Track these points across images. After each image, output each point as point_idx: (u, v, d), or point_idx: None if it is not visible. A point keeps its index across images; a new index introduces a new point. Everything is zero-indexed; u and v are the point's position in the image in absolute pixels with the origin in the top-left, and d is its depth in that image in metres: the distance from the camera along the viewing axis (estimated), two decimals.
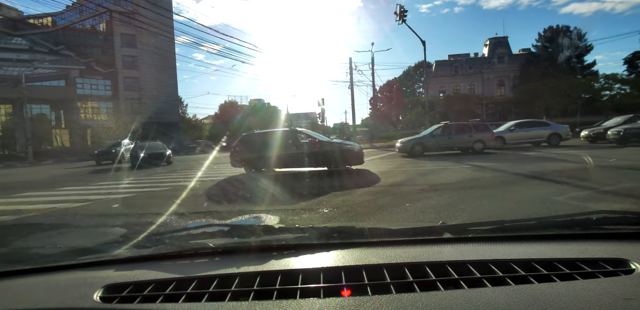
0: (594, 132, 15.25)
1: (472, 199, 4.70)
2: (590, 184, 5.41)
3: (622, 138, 12.36)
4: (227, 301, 0.71)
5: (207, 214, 4.59)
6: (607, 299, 0.63)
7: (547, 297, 0.65)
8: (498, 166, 8.49)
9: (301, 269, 0.84)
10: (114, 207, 5.59)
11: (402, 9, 16.93)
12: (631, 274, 0.74)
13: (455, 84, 46.67)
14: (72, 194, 7.22)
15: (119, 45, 40.77)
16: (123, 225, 4.22)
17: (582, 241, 0.96)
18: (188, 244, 1.09)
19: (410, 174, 8.08)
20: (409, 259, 0.86)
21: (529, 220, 1.17)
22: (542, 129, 15.17)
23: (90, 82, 38.69)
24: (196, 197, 6.27)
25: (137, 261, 0.99)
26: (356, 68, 28.64)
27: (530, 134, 15.09)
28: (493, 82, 45.63)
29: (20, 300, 0.80)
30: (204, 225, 1.40)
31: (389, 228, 1.16)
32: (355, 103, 26.95)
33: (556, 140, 14.84)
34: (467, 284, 0.73)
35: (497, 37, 46.59)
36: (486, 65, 45.74)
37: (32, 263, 1.03)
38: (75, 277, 0.91)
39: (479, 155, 11.95)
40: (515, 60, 44.65)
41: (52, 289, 0.85)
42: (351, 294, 0.72)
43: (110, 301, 0.75)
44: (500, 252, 0.91)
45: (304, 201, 5.25)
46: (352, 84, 26.38)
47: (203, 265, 0.94)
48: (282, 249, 1.00)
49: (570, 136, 15.52)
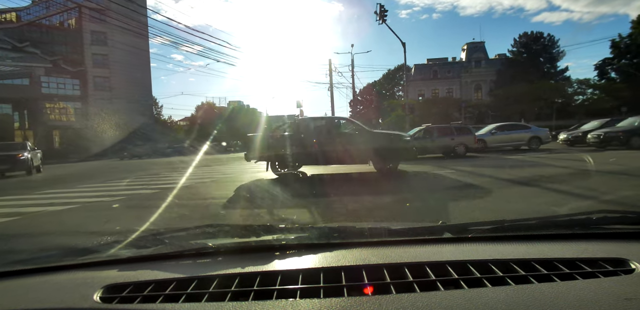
0: (573, 135, 15.30)
1: (464, 211, 4.17)
2: (589, 192, 4.98)
3: (603, 141, 12.33)
4: (227, 301, 0.70)
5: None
6: (607, 299, 0.63)
7: (547, 297, 0.65)
8: (483, 171, 8.07)
9: (301, 269, 0.84)
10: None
11: (382, 9, 16.57)
12: (631, 274, 0.74)
13: (434, 87, 47.14)
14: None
15: (88, 42, 38.92)
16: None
17: (582, 241, 0.96)
18: (188, 244, 1.08)
19: (390, 181, 7.55)
20: (409, 259, 0.86)
21: (529, 220, 1.15)
22: (523, 132, 15.11)
23: (57, 81, 36.69)
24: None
25: (137, 261, 0.99)
26: (336, 70, 28.22)
27: (511, 137, 14.95)
28: (471, 86, 46.32)
29: (20, 300, 0.80)
30: (204, 225, 1.33)
31: (389, 228, 1.15)
32: (335, 105, 26.54)
33: (536, 144, 14.76)
34: (467, 284, 0.72)
35: (474, 42, 47.43)
36: (464, 70, 46.40)
37: (32, 263, 1.03)
38: (75, 277, 0.90)
39: (461, 159, 11.59)
40: (492, 64, 45.48)
41: (52, 289, 0.84)
42: (350, 293, 0.71)
43: (110, 301, 0.74)
44: (500, 252, 0.90)
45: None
46: (331, 85, 25.91)
47: (203, 265, 0.93)
48: (282, 248, 1.00)
49: (550, 140, 15.48)
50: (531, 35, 44.12)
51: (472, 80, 46.09)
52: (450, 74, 47.11)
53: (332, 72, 25.71)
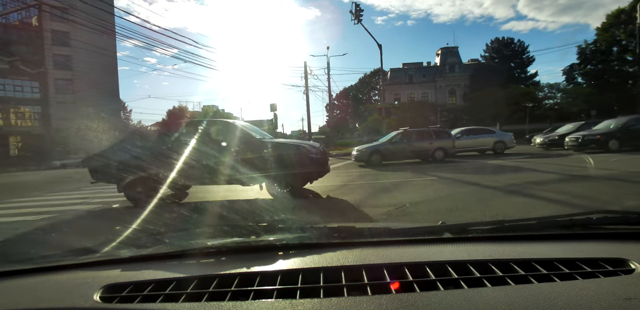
0: (549, 138, 15.19)
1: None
2: (588, 202, 4.41)
3: (581, 144, 12.18)
4: (227, 301, 0.70)
5: None
6: (607, 299, 0.63)
7: (547, 296, 0.65)
8: (467, 178, 7.51)
9: (301, 269, 0.84)
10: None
11: (357, 8, 16.06)
12: (631, 274, 0.74)
13: (410, 91, 47.35)
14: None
15: (49, 43, 36.67)
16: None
17: (582, 241, 0.96)
18: (188, 243, 1.08)
19: (367, 190, 6.85)
20: (409, 259, 0.86)
21: (529, 220, 1.14)
22: (488, 136, 14.68)
23: (13, 83, 34.26)
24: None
25: (137, 261, 0.98)
26: (311, 72, 27.58)
27: (476, 141, 14.56)
28: (445, 90, 46.82)
29: (20, 300, 0.80)
30: (204, 226, 1.42)
31: (389, 228, 1.15)
32: (312, 109, 25.82)
33: (501, 148, 14.43)
34: (467, 284, 0.72)
35: (448, 47, 48.10)
36: (438, 74, 46.90)
37: (32, 263, 1.02)
38: (75, 277, 0.90)
39: (441, 165, 11.08)
40: (465, 69, 46.16)
41: (52, 289, 0.84)
42: (350, 293, 0.71)
43: (110, 301, 0.74)
44: (500, 252, 0.90)
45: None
46: (307, 89, 25.22)
47: (203, 265, 0.93)
48: (282, 248, 0.99)
49: (514, 144, 15.14)
50: (502, 41, 45.24)
51: (447, 84, 46.61)
52: (425, 78, 47.49)
53: (307, 75, 25.07)
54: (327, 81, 27.57)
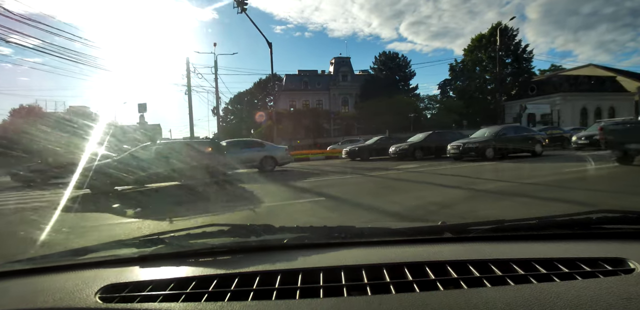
0: (400, 148, 14.98)
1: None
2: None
3: (462, 153, 12.41)
4: (226, 301, 0.70)
5: None
6: (607, 299, 0.63)
7: (547, 296, 0.65)
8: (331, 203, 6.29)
9: (301, 269, 0.84)
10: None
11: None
12: (631, 274, 0.74)
13: (305, 98, 47.35)
14: None
15: None
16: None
17: (582, 241, 0.97)
18: (188, 244, 1.07)
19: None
20: (409, 259, 0.86)
21: (529, 220, 1.12)
22: (255, 150, 12.23)
23: None
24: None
25: (137, 261, 0.97)
26: (195, 70, 24.76)
27: (242, 157, 11.52)
28: (339, 98, 48.04)
29: (20, 300, 0.80)
30: (204, 226, 1.19)
31: (388, 228, 1.15)
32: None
33: (271, 165, 12.09)
34: (466, 284, 0.73)
35: (341, 57, 49.71)
36: (332, 83, 47.95)
37: (32, 263, 1.02)
38: (75, 277, 0.89)
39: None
40: (357, 79, 48.09)
41: (52, 289, 0.83)
42: (350, 293, 0.72)
43: (110, 301, 0.74)
44: (500, 252, 0.90)
45: None
46: (189, 88, 22.33)
47: (203, 265, 0.92)
48: (282, 248, 1.00)
49: (291, 160, 13.24)
50: (389, 55, 48.64)
51: (340, 93, 47.88)
52: (320, 86, 48.05)
53: (190, 73, 22.23)
54: (214, 81, 25.02)
